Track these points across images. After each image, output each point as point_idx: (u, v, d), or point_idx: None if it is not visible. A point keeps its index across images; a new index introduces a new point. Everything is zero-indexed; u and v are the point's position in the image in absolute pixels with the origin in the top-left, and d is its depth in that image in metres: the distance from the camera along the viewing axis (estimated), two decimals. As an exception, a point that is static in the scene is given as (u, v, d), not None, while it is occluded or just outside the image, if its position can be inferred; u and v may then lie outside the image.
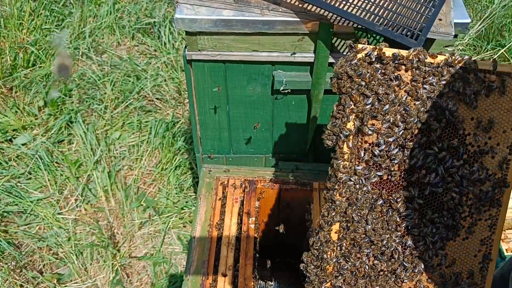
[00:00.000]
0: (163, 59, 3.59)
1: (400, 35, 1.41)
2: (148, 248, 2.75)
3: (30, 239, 2.73)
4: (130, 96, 3.38)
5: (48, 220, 2.78)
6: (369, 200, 1.28)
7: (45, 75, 3.48)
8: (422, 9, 1.45)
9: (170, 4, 4.00)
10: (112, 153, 3.11)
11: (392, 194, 1.28)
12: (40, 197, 2.89)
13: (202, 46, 1.64)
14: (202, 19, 1.54)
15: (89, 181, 2.98)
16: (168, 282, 2.60)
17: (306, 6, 1.51)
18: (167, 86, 3.46)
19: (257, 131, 1.98)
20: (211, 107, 1.88)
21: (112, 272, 2.62)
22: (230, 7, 1.55)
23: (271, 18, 1.53)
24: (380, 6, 1.45)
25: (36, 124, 3.22)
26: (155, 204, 2.88)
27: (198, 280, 1.68)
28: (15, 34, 3.64)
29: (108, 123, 3.24)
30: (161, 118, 3.27)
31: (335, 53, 1.66)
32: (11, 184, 2.91)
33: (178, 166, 3.03)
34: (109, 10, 3.88)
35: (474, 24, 3.82)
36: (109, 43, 3.77)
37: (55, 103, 3.30)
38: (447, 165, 1.24)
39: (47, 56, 3.60)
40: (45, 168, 2.97)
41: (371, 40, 1.57)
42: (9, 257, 2.65)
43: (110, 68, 3.57)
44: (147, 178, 3.01)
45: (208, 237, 1.79)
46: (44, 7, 3.87)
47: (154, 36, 3.82)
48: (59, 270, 2.66)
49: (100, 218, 2.85)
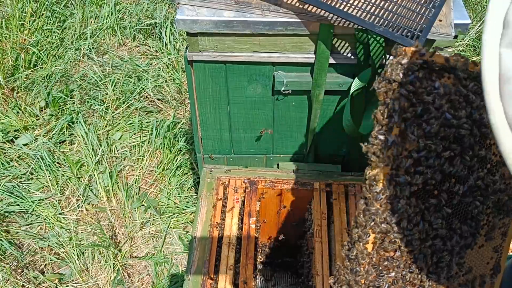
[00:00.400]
0: (164, 60, 3.60)
1: (400, 36, 1.41)
2: (149, 248, 2.76)
3: (32, 239, 2.74)
4: (131, 96, 3.39)
5: (49, 220, 2.79)
6: (406, 211, 1.26)
7: (47, 75, 3.50)
8: (422, 10, 1.45)
9: (171, 5, 4.01)
10: (114, 154, 3.12)
11: (424, 203, 1.27)
12: (42, 197, 2.90)
13: (203, 47, 1.65)
14: (203, 20, 1.55)
15: (90, 181, 2.99)
16: (169, 282, 2.61)
17: (306, 7, 1.52)
18: (168, 87, 3.46)
19: (257, 132, 1.99)
20: (212, 107, 1.89)
21: (114, 272, 2.63)
22: (231, 8, 1.55)
23: (272, 19, 1.54)
24: (380, 7, 1.46)
25: (37, 125, 3.23)
26: (156, 204, 2.88)
27: (199, 280, 1.69)
28: (16, 35, 3.65)
29: (109, 123, 3.25)
30: (162, 118, 3.28)
31: (335, 54, 1.66)
32: (13, 184, 2.92)
33: (179, 167, 3.04)
34: (110, 11, 3.90)
35: (474, 25, 3.82)
36: (111, 44, 3.78)
37: (57, 103, 3.31)
38: (475, 174, 1.24)
39: (49, 57, 3.61)
40: (46, 169, 2.98)
41: (371, 41, 1.58)
42: (11, 257, 2.66)
43: (111, 69, 3.58)
44: (148, 179, 3.02)
45: (209, 237, 1.80)
46: (46, 8, 3.88)
47: (155, 37, 3.83)
48: (60, 270, 2.67)
49: (102, 218, 2.86)
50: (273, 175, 2.01)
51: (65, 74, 3.54)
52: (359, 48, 1.62)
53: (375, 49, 1.60)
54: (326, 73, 1.70)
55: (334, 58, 1.67)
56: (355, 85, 1.70)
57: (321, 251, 1.79)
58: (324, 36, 1.58)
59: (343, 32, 1.59)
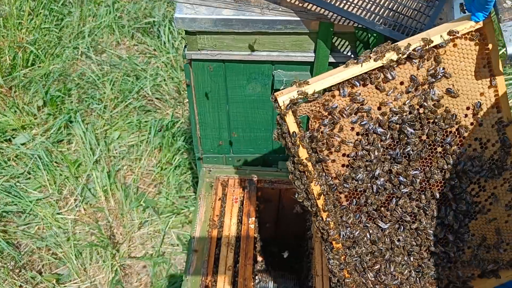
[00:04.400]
0: (162, 59, 3.58)
1: (400, 35, 1.40)
2: (147, 248, 2.74)
3: (29, 239, 2.72)
4: (130, 95, 3.37)
5: (47, 220, 2.78)
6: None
7: (45, 74, 3.48)
8: (422, 8, 1.44)
9: (169, 3, 3.99)
10: (112, 153, 3.10)
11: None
12: (40, 197, 2.88)
13: (202, 45, 1.64)
14: (202, 19, 1.54)
15: (88, 181, 2.98)
16: (167, 282, 2.59)
17: (306, 5, 1.51)
18: (167, 86, 3.45)
19: (256, 131, 1.97)
20: (211, 106, 1.88)
21: (112, 272, 2.62)
22: (230, 6, 1.54)
23: (271, 18, 1.53)
24: (380, 5, 1.44)
25: (35, 124, 3.21)
26: (154, 204, 2.87)
27: (198, 280, 1.68)
28: (14, 33, 3.63)
29: (107, 122, 3.24)
30: (160, 117, 3.26)
31: (335, 53, 1.65)
32: (10, 184, 2.91)
33: (177, 166, 3.03)
34: (108, 9, 3.88)
35: (474, 24, 3.81)
36: (109, 42, 3.76)
37: (55, 102, 3.29)
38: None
39: (46, 56, 3.59)
40: (44, 168, 2.96)
41: (371, 39, 1.57)
42: (8, 257, 2.64)
43: (109, 67, 3.56)
44: (146, 178, 3.01)
45: (207, 237, 1.79)
46: (44, 7, 3.86)
47: (153, 35, 3.81)
48: (58, 270, 2.65)
49: (100, 218, 2.84)
50: (273, 175, 2.00)
51: (63, 73, 3.52)
52: (359, 46, 1.61)
53: (375, 48, 1.59)
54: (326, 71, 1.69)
55: (334, 57, 1.65)
56: (355, 84, 1.69)
57: (321, 251, 1.78)
58: (324, 34, 1.57)
59: (343, 31, 1.58)
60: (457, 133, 1.22)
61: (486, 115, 1.20)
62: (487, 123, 1.22)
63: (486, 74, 1.17)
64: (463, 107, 1.20)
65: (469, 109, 1.21)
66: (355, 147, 1.21)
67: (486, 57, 1.16)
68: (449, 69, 1.17)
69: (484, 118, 1.21)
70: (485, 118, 1.21)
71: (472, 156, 1.24)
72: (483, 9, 1.08)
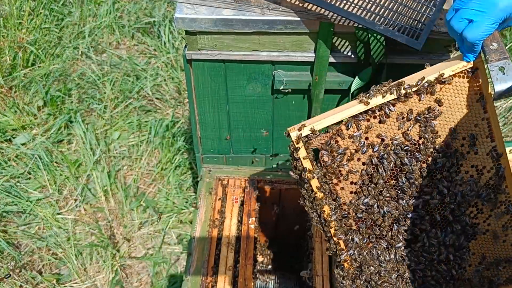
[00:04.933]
0: (162, 59, 3.58)
1: (401, 35, 1.40)
2: (147, 248, 2.74)
3: (30, 239, 2.72)
4: (130, 95, 3.37)
5: (47, 220, 2.78)
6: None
7: (45, 74, 3.48)
8: (423, 8, 1.44)
9: (170, 3, 3.99)
10: (112, 153, 3.10)
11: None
12: (40, 197, 2.88)
13: (202, 45, 1.64)
14: (202, 19, 1.53)
15: (88, 181, 2.98)
16: (168, 282, 2.59)
17: (306, 5, 1.51)
18: (167, 86, 3.45)
19: (257, 131, 1.97)
20: (211, 106, 1.87)
21: (112, 272, 2.62)
22: (230, 6, 1.54)
23: (271, 18, 1.53)
24: (381, 5, 1.44)
25: (35, 124, 3.21)
26: (154, 204, 2.87)
27: (198, 280, 1.68)
28: (14, 33, 3.63)
29: (107, 123, 3.24)
30: (161, 118, 3.26)
31: (335, 53, 1.65)
32: (11, 184, 2.91)
33: (178, 166, 3.03)
34: (108, 9, 3.88)
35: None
36: (109, 42, 3.77)
37: (55, 102, 3.29)
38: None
39: (47, 56, 3.60)
40: (44, 168, 2.96)
41: (372, 39, 1.57)
42: (8, 257, 2.64)
43: (109, 67, 3.56)
44: (146, 178, 3.01)
45: (208, 237, 1.78)
46: (44, 7, 3.86)
47: (154, 35, 3.81)
48: (58, 271, 2.65)
49: (100, 218, 2.84)
50: (273, 175, 2.00)
51: (63, 73, 3.52)
52: (360, 46, 1.61)
53: (375, 48, 1.58)
54: (326, 72, 1.69)
55: (334, 57, 1.65)
56: (355, 84, 1.69)
57: (321, 251, 1.78)
58: (324, 34, 1.57)
59: (343, 31, 1.57)
60: (455, 161, 1.32)
61: (480, 144, 1.30)
62: (482, 151, 1.32)
63: (479, 108, 1.27)
64: (459, 138, 1.31)
65: (465, 139, 1.31)
66: (361, 176, 1.33)
67: (478, 92, 1.26)
68: (445, 103, 1.27)
69: (479, 147, 1.31)
70: (480, 147, 1.31)
71: (469, 182, 1.34)
72: (472, 51, 1.18)
